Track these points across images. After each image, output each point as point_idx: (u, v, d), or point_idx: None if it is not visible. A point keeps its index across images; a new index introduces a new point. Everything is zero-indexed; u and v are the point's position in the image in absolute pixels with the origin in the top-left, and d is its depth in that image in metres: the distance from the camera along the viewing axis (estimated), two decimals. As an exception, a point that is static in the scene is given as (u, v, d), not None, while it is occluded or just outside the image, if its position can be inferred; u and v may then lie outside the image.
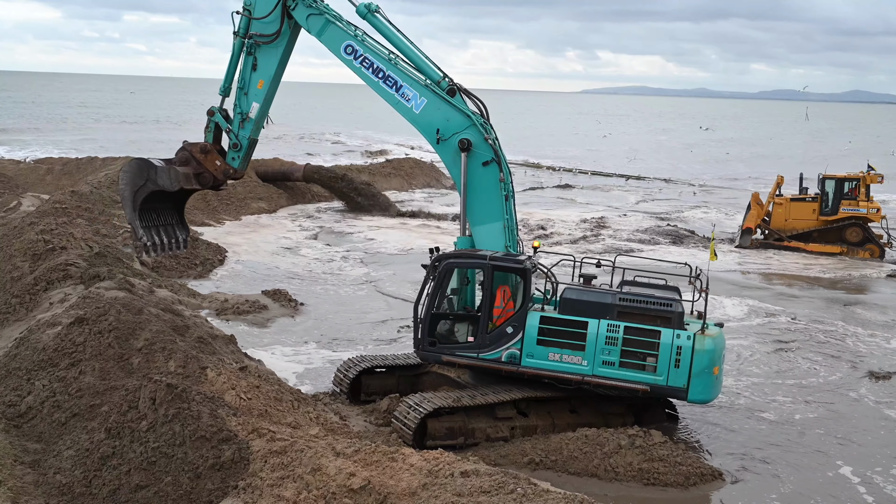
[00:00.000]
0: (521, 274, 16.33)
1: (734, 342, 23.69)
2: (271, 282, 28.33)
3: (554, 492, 11.20)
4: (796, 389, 20.46)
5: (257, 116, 17.80)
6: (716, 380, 16.13)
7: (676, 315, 15.96)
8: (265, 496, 11.67)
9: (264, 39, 17.36)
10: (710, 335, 15.97)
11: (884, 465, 16.41)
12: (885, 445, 17.38)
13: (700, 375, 15.77)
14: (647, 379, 15.93)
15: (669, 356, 15.77)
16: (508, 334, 16.31)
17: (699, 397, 16.08)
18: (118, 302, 16.12)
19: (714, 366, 15.89)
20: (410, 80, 16.68)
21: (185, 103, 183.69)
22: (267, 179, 47.60)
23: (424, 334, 16.63)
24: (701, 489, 14.95)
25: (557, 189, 61.27)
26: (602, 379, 16.04)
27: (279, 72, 17.68)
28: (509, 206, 16.92)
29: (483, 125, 16.61)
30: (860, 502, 14.86)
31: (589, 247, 37.61)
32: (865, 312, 28.55)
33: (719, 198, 59.68)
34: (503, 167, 16.62)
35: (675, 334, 15.84)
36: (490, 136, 16.52)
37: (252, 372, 15.27)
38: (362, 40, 16.96)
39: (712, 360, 15.84)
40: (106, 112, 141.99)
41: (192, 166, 18.30)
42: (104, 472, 12.29)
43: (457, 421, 15.79)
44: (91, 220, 31.38)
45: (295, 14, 17.16)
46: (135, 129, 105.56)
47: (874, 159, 49.02)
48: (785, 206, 40.02)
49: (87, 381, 14.00)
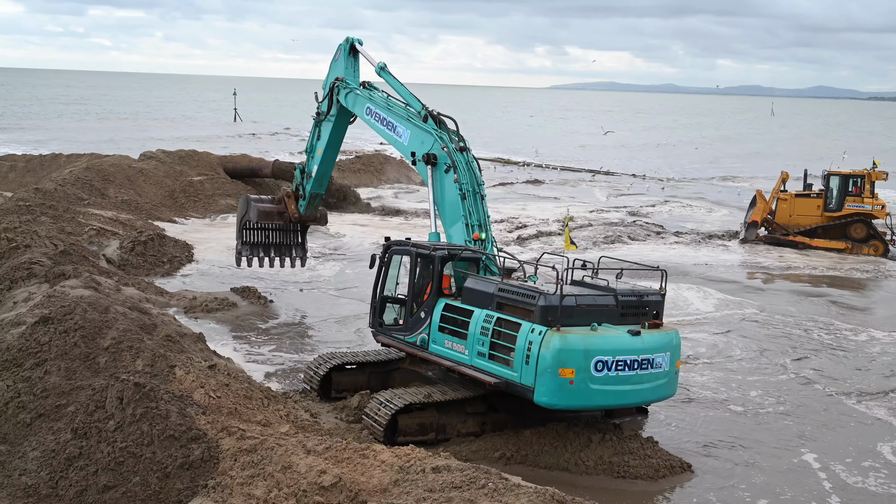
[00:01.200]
0: (431, 261, 16.97)
1: (714, 338, 23.92)
2: (240, 279, 28.14)
3: (525, 486, 11.24)
4: (766, 383, 20.64)
5: (317, 175, 23.53)
6: (566, 384, 14.39)
7: (539, 309, 14.75)
8: (235, 495, 11.60)
9: (322, 117, 23.03)
10: (565, 333, 14.48)
11: (852, 455, 16.59)
12: (853, 437, 17.58)
13: (544, 375, 14.42)
14: (506, 374, 15.08)
15: (522, 352, 14.77)
16: (421, 319, 16.93)
17: (542, 399, 14.54)
18: (84, 300, 15.95)
19: (561, 367, 14.30)
20: (401, 119, 19.96)
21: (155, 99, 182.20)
22: (235, 176, 47.27)
23: (374, 316, 18.04)
24: (670, 481, 15.07)
25: (527, 185, 61.43)
26: (474, 370, 15.64)
27: (333, 141, 22.97)
28: (465, 205, 18.10)
29: (441, 137, 18.73)
30: (821, 491, 15.03)
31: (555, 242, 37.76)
32: (847, 310, 28.68)
33: (687, 192, 60.18)
34: (459, 170, 18.16)
35: (530, 329, 14.77)
36: (448, 146, 18.40)
37: (221, 370, 15.16)
38: (371, 97, 21.21)
39: (558, 361, 14.30)
40: (74, 108, 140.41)
41: (280, 206, 24.85)
42: (71, 473, 12.14)
43: (428, 417, 15.78)
44: (56, 218, 31.07)
45: (338, 96, 22.41)
46: (105, 126, 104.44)
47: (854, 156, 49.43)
48: (790, 202, 39.99)
49: (52, 381, 13.82)
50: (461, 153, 18.55)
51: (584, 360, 14.47)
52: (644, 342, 15.06)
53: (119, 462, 12.12)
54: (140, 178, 42.14)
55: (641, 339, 15.03)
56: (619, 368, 14.79)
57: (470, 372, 15.70)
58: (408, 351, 17.45)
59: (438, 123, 19.04)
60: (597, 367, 14.57)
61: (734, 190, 60.91)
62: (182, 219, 39.78)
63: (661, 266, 17.47)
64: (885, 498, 14.91)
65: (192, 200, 42.65)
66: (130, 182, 41.24)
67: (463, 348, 15.97)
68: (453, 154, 18.29)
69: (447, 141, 18.56)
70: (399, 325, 17.73)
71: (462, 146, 18.70)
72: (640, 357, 14.99)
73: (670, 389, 15.80)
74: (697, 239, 40.89)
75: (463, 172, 18.21)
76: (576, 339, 14.54)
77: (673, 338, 15.59)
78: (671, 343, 15.51)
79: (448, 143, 18.47)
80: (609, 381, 14.70)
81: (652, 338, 15.24)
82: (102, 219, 33.60)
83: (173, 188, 43.04)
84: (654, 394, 15.63)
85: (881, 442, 17.28)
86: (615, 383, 14.77)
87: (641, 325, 15.36)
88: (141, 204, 39.27)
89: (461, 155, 18.51)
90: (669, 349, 15.44)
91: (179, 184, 43.54)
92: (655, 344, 15.24)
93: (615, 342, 14.84)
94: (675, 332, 15.81)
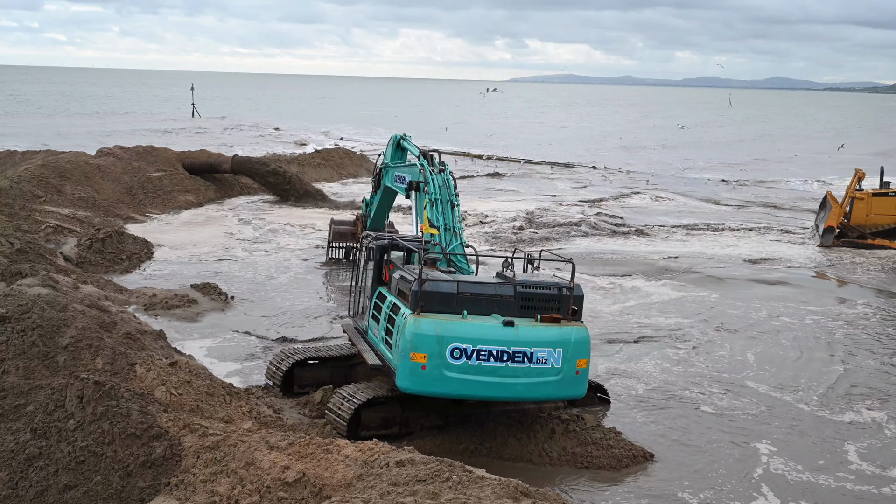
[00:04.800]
0: (375, 252, 17.53)
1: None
2: (200, 275, 27.91)
3: (489, 478, 11.31)
4: (734, 377, 20.91)
5: (371, 221, 27.88)
6: (418, 368, 14.27)
7: (412, 294, 14.62)
8: (199, 492, 11.54)
9: (373, 189, 27.67)
10: (421, 318, 14.34)
11: (802, 447, 16.88)
12: (809, 430, 17.88)
13: (401, 359, 14.40)
14: (389, 358, 15.17)
15: (394, 336, 14.88)
16: (365, 307, 17.71)
17: (399, 382, 14.59)
18: (41, 299, 15.74)
19: (413, 351, 14.21)
20: (406, 169, 23.02)
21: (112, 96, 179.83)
22: (194, 171, 46.83)
23: (350, 304, 19.07)
24: (632, 470, 15.24)
25: (488, 178, 61.51)
26: (378, 355, 15.82)
27: (381, 204, 27.32)
28: (434, 211, 19.23)
29: (423, 164, 20.70)
30: (781, 482, 15.30)
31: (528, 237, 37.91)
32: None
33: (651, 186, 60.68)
34: (430, 184, 19.72)
35: (402, 313, 14.81)
36: (425, 168, 20.34)
37: (182, 367, 15.06)
38: (394, 168, 24.49)
39: (411, 345, 14.20)
40: (27, 105, 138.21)
41: (353, 227, 30.77)
42: (31, 474, 11.99)
43: (391, 410, 15.81)
44: (12, 216, 30.59)
45: (382, 176, 26.10)
46: (59, 122, 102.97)
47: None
48: (866, 202, 38.36)
49: (10, 381, 13.63)
50: (439, 174, 20.08)
51: (436, 346, 14.20)
52: (519, 334, 14.41)
53: (80, 461, 11.99)
54: (97, 174, 41.61)
55: (515, 331, 14.40)
56: (482, 358, 14.33)
57: (365, 355, 16.40)
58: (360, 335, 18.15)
59: (427, 158, 21.19)
60: (453, 354, 14.27)
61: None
62: (140, 215, 39.37)
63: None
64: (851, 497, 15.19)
65: (151, 197, 42.22)
66: (87, 179, 40.69)
67: (377, 333, 16.42)
68: (427, 173, 20.17)
69: (426, 164, 20.70)
70: (355, 312, 18.71)
71: (441, 169, 20.39)
72: (512, 349, 14.35)
73: (567, 389, 14.96)
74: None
75: (433, 186, 19.65)
76: (428, 324, 14.27)
77: (571, 334, 14.73)
78: (565, 339, 14.65)
79: (426, 166, 20.54)
80: (469, 371, 14.31)
81: (532, 330, 14.55)
82: (59, 216, 33.14)
83: (131, 184, 42.56)
84: (539, 391, 14.80)
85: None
86: (477, 373, 14.34)
87: (534, 317, 14.83)
88: (98, 201, 38.78)
89: (437, 175, 20.01)
90: (562, 345, 14.60)
91: (137, 180, 43.08)
92: (536, 337, 14.50)
93: (477, 331, 14.33)
94: (578, 329, 14.88)
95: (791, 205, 52.26)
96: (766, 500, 14.45)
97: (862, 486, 15.16)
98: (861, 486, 15.13)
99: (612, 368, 20.61)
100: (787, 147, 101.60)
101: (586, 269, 30.16)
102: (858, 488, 15.08)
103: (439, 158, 21.16)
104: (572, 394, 15.19)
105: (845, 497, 14.78)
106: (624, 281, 29.93)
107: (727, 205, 51.74)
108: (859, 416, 18.31)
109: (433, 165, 20.61)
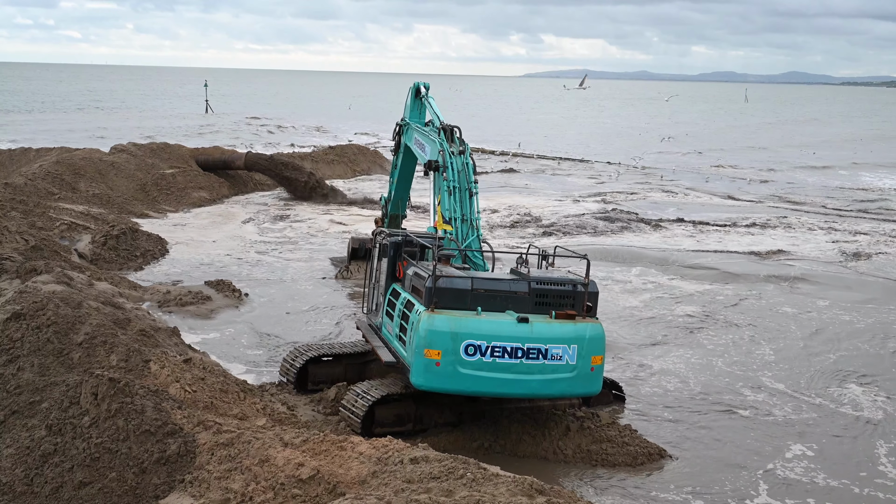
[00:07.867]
0: (388, 249, 17.26)
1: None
2: (214, 272, 27.97)
3: (503, 475, 11.25)
4: (748, 373, 20.78)
5: (393, 199, 26.07)
6: (432, 365, 14.22)
7: (426, 290, 14.56)
8: (213, 489, 11.53)
9: (394, 149, 25.58)
10: (435, 315, 14.28)
11: (829, 448, 16.76)
12: (839, 432, 17.68)
13: (415, 356, 14.34)
14: (403, 354, 15.12)
15: (409, 332, 14.84)
16: (379, 304, 17.55)
17: (414, 379, 14.53)
18: (56, 296, 15.77)
19: (427, 348, 14.17)
20: (426, 138, 21.38)
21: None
22: (208, 168, 46.91)
23: (364, 300, 18.93)
24: (648, 467, 15.16)
25: (502, 174, 61.36)
26: (392, 352, 15.79)
27: (404, 174, 25.44)
28: (451, 201, 18.75)
29: (442, 144, 19.81)
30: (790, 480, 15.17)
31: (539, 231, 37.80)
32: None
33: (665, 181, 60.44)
34: (449, 170, 19.06)
35: (416, 309, 14.73)
36: (445, 150, 19.48)
37: (196, 364, 15.06)
38: (416, 128, 22.59)
39: (425, 342, 14.18)
40: (41, 101, 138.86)
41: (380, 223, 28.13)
42: (46, 470, 12.02)
43: (405, 407, 15.77)
44: (26, 213, 30.72)
45: (399, 134, 24.53)
46: (75, 118, 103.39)
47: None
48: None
49: (25, 378, 13.67)
50: (459, 156, 19.32)
51: (450, 343, 14.16)
52: (533, 331, 14.35)
53: (95, 458, 12.01)
54: (111, 171, 41.75)
55: (530, 328, 14.33)
56: (497, 355, 14.27)
57: (379, 352, 16.28)
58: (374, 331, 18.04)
59: (447, 133, 20.18)
60: (467, 350, 14.21)
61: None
62: (155, 212, 39.45)
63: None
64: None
65: (165, 193, 42.33)
66: (101, 175, 40.85)
67: (391, 329, 16.27)
68: (447, 156, 19.22)
69: (445, 147, 19.62)
70: (370, 308, 18.53)
71: (461, 150, 19.52)
72: (527, 346, 14.29)
73: (582, 386, 14.84)
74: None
75: (452, 172, 18.99)
76: (443, 320, 14.21)
77: (586, 330, 14.63)
78: (580, 336, 14.55)
79: (446, 148, 19.47)
80: (483, 367, 14.27)
81: (547, 327, 14.46)
82: (74, 213, 33.26)
83: (145, 181, 42.70)
84: (554, 388, 14.68)
85: None
86: (492, 370, 14.29)
87: (549, 314, 14.72)
88: (112, 198, 38.91)
89: (457, 158, 19.27)
90: (577, 342, 14.51)
91: (151, 177, 43.20)
92: (550, 334, 14.43)
93: (492, 327, 14.27)
94: (593, 325, 14.77)
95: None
96: (785, 501, 14.33)
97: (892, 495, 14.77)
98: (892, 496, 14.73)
99: (630, 365, 20.51)
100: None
101: (601, 265, 30.04)
102: (889, 496, 14.67)
103: (459, 134, 20.23)
104: (587, 391, 15.10)
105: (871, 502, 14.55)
106: (648, 276, 29.79)
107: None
108: (887, 416, 18.15)
109: (453, 144, 19.89)
